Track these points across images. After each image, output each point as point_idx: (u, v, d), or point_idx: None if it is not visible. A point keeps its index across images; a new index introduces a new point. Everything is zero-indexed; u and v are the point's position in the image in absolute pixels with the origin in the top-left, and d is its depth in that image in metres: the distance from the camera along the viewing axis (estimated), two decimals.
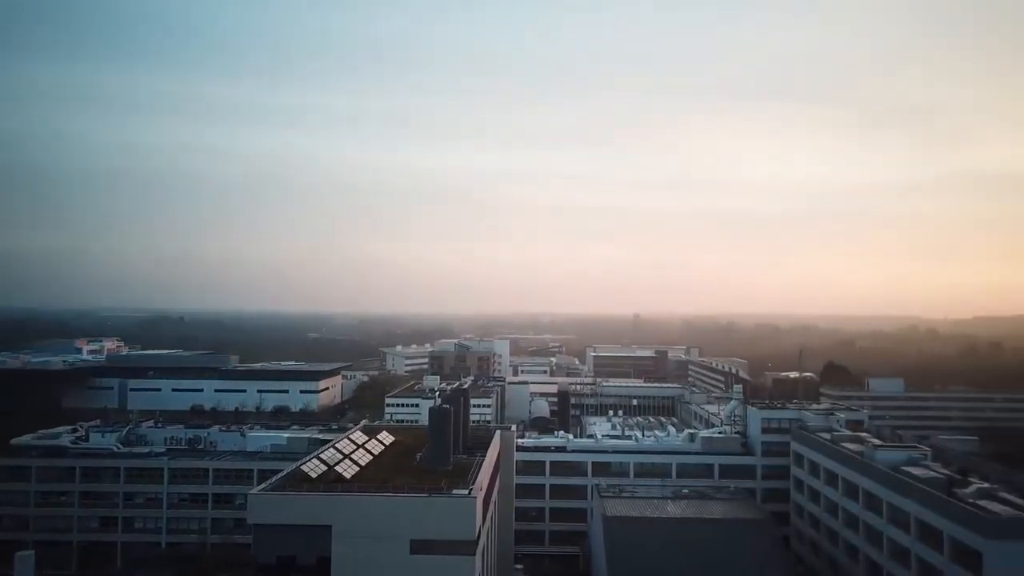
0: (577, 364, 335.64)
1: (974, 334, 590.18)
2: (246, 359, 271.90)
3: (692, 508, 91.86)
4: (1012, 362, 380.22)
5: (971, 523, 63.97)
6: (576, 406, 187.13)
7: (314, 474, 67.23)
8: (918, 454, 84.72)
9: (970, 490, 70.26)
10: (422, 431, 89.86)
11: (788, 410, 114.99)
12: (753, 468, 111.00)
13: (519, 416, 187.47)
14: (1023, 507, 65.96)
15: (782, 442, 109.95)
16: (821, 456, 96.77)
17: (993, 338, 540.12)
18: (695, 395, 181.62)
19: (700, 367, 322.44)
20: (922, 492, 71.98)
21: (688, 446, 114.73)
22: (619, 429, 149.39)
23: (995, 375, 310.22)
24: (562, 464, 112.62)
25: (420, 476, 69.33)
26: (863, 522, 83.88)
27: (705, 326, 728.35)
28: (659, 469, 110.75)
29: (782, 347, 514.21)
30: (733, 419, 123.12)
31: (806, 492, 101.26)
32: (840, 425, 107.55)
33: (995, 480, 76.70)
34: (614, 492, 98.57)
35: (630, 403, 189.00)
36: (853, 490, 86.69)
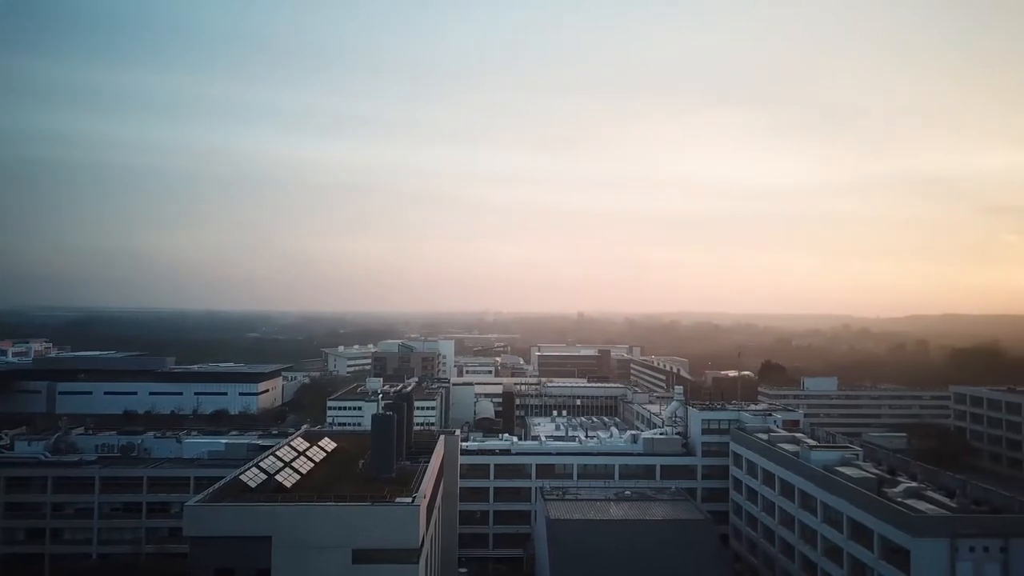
0: (522, 364, 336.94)
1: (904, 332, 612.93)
2: (184, 360, 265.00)
3: (634, 510, 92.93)
4: (938, 359, 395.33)
5: (899, 522, 66.27)
6: (521, 407, 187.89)
7: (253, 484, 65.89)
8: (850, 454, 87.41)
9: (899, 489, 72.83)
10: (365, 437, 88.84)
11: (727, 411, 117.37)
12: (694, 468, 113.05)
13: (464, 417, 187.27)
14: (948, 505, 68.59)
15: (722, 442, 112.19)
16: (758, 456, 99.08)
17: (922, 336, 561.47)
18: (637, 395, 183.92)
19: (642, 366, 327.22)
20: (853, 492, 74.28)
21: (631, 447, 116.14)
22: (563, 430, 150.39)
23: (922, 372, 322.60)
24: (507, 467, 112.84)
25: (363, 484, 68.56)
26: (798, 521, 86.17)
27: (647, 324, 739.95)
28: (602, 471, 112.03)
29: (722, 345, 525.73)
30: (675, 420, 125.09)
31: (744, 491, 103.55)
32: (777, 425, 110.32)
33: (922, 478, 79.60)
34: (558, 495, 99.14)
35: (574, 403, 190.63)
36: (789, 490, 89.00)
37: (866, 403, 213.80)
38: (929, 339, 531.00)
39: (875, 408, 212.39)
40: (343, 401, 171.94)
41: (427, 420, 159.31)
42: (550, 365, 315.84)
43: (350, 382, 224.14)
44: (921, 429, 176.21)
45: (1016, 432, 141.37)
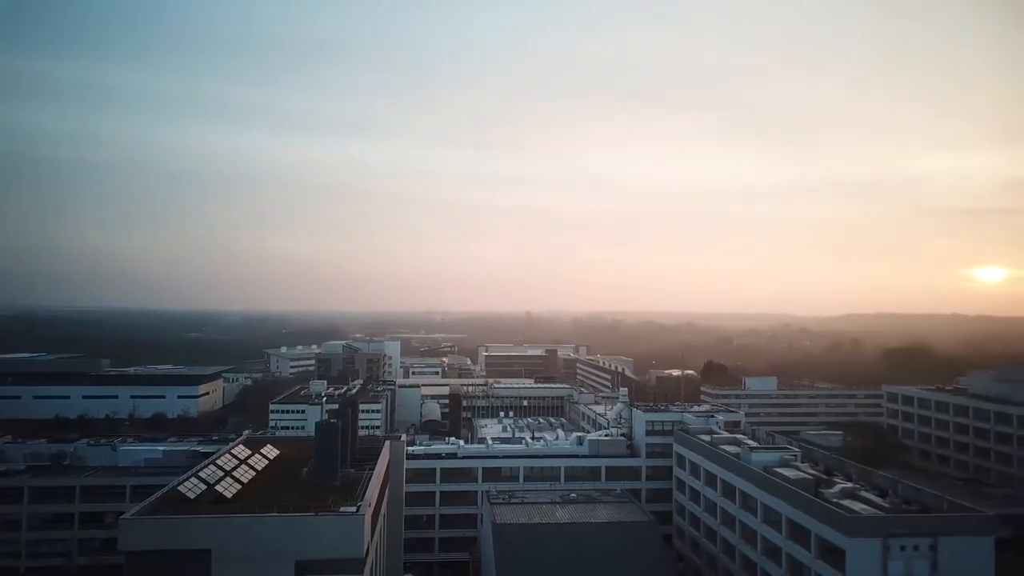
0: (469, 364, 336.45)
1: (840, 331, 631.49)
2: (121, 362, 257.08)
3: (580, 512, 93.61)
4: (872, 358, 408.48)
5: (835, 522, 68.21)
6: (468, 408, 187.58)
7: (192, 494, 64.19)
8: (789, 455, 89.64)
9: (835, 490, 74.97)
10: (309, 443, 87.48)
11: (671, 412, 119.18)
12: (638, 469, 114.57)
13: (410, 419, 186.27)
14: (881, 505, 70.87)
15: (665, 443, 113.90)
16: (701, 458, 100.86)
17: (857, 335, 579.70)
18: (583, 395, 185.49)
19: (588, 365, 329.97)
20: (792, 493, 76.18)
21: (576, 449, 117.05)
22: (510, 431, 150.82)
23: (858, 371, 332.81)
24: (453, 471, 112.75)
25: (306, 493, 67.40)
26: (739, 521, 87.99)
27: (593, 323, 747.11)
28: (549, 473, 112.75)
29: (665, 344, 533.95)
30: (620, 421, 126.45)
31: (687, 492, 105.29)
32: (719, 426, 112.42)
33: (857, 479, 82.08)
34: (504, 498, 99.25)
35: (521, 404, 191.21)
36: (730, 491, 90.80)
37: (804, 402, 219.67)
38: (864, 338, 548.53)
39: (813, 407, 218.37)
40: (286, 404, 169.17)
41: (372, 423, 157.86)
42: (498, 365, 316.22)
43: (293, 384, 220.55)
44: (856, 427, 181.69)
45: (944, 430, 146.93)
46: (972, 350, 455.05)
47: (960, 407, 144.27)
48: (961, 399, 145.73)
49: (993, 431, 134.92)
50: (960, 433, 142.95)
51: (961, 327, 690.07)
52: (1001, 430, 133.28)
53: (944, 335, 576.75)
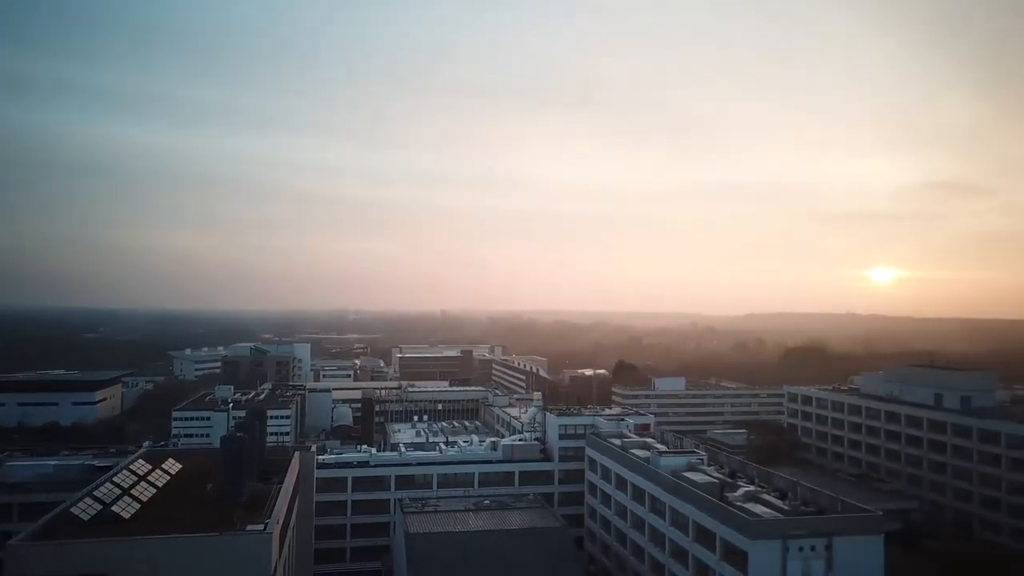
0: (383, 366, 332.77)
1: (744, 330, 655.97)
2: (6, 367, 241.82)
3: (493, 519, 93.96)
4: (773, 356, 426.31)
5: (738, 525, 70.73)
6: (381, 413, 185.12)
7: (86, 516, 61.06)
8: (696, 459, 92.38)
9: (738, 493, 77.75)
10: (213, 455, 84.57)
11: (583, 416, 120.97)
12: (551, 473, 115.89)
13: (321, 425, 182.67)
14: (781, 508, 73.94)
15: (578, 447, 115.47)
16: (612, 462, 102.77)
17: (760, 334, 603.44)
18: (498, 398, 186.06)
19: (503, 366, 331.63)
20: (698, 497, 78.57)
21: (490, 455, 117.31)
22: (424, 436, 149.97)
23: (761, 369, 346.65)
24: (365, 479, 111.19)
25: (211, 511, 65.10)
26: (648, 524, 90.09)
27: (509, 323, 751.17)
28: (462, 479, 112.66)
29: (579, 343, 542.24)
30: (534, 426, 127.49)
31: (599, 496, 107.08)
32: (629, 429, 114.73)
33: (759, 481, 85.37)
34: (417, 507, 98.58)
35: (435, 407, 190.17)
36: (640, 494, 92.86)
37: (710, 401, 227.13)
38: (766, 337, 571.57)
39: (718, 406, 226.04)
40: (190, 411, 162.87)
41: (281, 430, 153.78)
42: (412, 367, 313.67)
43: (198, 388, 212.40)
44: (759, 426, 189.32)
45: (840, 428, 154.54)
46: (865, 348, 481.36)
47: (853, 406, 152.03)
48: (854, 399, 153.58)
49: (883, 429, 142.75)
50: (853, 431, 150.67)
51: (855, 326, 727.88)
52: (891, 428, 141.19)
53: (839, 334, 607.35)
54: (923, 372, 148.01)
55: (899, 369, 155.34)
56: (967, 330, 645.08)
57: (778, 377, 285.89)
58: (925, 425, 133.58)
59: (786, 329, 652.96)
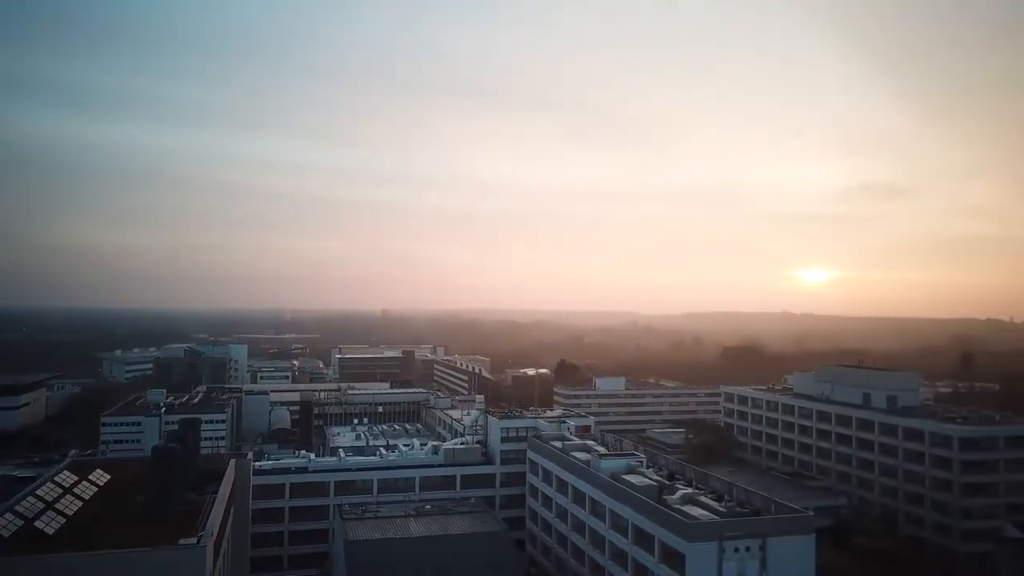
0: (322, 367, 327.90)
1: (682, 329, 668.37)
2: None
3: (434, 525, 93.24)
4: (711, 355, 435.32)
5: (676, 528, 71.90)
6: (320, 415, 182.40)
7: (7, 532, 58.41)
8: (635, 461, 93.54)
9: (676, 496, 79.03)
10: (144, 464, 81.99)
11: (525, 419, 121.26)
12: (493, 476, 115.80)
13: (258, 428, 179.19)
14: (717, 510, 75.40)
15: (520, 449, 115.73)
16: (553, 464, 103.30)
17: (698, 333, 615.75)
18: (440, 399, 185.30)
19: (445, 366, 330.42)
20: (637, 500, 79.60)
21: (432, 459, 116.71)
22: (364, 439, 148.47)
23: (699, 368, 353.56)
24: (303, 485, 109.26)
25: (142, 525, 63.08)
26: (589, 527, 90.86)
27: (451, 322, 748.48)
28: (403, 484, 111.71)
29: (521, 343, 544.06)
30: (475, 429, 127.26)
31: (540, 498, 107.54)
32: (570, 431, 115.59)
33: (697, 483, 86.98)
34: (357, 513, 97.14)
35: (376, 410, 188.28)
36: (581, 497, 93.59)
37: (649, 401, 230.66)
38: (704, 336, 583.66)
39: (657, 405, 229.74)
40: (120, 417, 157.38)
41: (216, 434, 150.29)
42: (352, 368, 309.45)
43: (129, 392, 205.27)
44: (696, 425, 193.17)
45: (774, 427, 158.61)
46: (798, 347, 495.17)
47: (787, 406, 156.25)
48: (788, 398, 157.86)
49: (815, 428, 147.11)
50: (787, 430, 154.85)
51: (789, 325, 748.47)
52: (822, 427, 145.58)
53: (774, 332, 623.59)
54: (852, 372, 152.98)
55: (829, 369, 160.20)
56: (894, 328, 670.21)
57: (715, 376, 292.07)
58: (854, 424, 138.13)
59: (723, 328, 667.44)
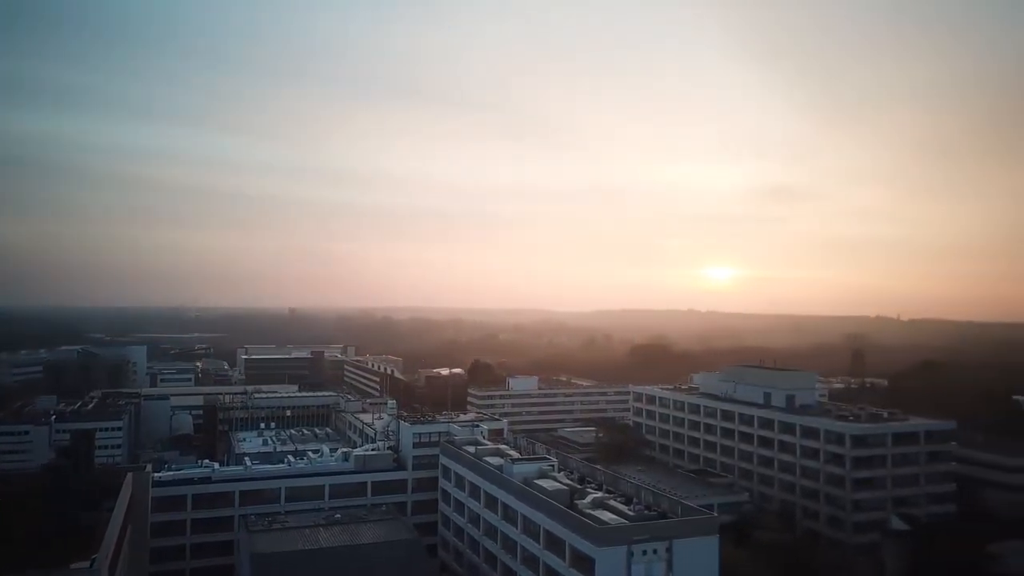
0: (227, 369, 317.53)
1: (593, 327, 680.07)
2: None
3: (344, 534, 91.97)
4: (620, 353, 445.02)
5: (586, 532, 73.12)
6: (225, 420, 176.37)
7: None
8: (547, 465, 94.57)
9: (587, 500, 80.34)
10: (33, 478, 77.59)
11: (438, 423, 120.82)
12: (405, 482, 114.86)
13: (158, 435, 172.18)
14: (626, 513, 77.06)
15: (432, 455, 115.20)
16: (466, 470, 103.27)
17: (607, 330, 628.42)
18: (350, 403, 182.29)
19: (356, 367, 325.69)
20: (548, 505, 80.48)
21: (342, 465, 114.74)
22: (272, 445, 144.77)
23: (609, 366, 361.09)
24: (207, 496, 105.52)
25: (31, 548, 59.53)
26: (501, 532, 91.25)
27: (362, 321, 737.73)
28: (312, 492, 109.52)
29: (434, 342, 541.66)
30: (387, 434, 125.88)
31: (452, 503, 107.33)
32: (483, 436, 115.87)
33: (607, 487, 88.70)
34: (264, 524, 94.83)
35: (284, 414, 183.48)
36: (493, 502, 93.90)
37: (561, 400, 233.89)
38: (614, 333, 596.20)
39: (569, 404, 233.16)
40: (5, 425, 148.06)
41: (113, 443, 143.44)
42: (259, 369, 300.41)
43: (15, 398, 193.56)
44: (607, 424, 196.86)
45: (680, 426, 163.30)
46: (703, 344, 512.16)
47: (693, 405, 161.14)
48: (694, 398, 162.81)
49: (719, 427, 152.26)
50: (693, 429, 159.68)
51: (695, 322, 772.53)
52: (726, 426, 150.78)
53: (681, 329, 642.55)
54: (754, 372, 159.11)
55: (733, 369, 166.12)
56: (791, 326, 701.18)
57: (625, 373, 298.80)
58: (755, 422, 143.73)
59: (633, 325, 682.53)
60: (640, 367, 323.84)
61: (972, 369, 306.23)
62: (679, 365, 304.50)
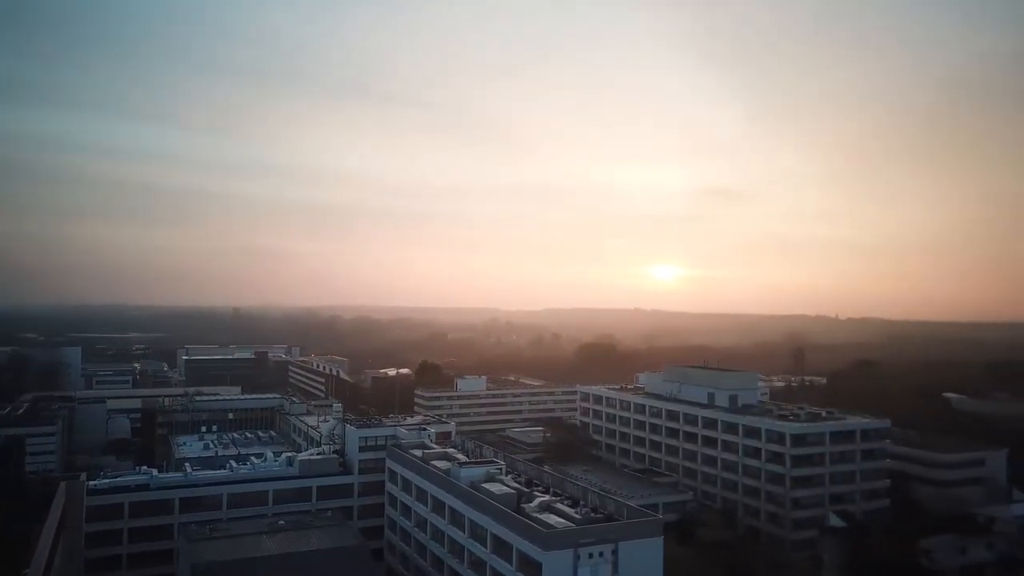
0: (167, 370, 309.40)
1: (542, 325, 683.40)
2: None
3: (289, 541, 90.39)
4: (568, 352, 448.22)
5: (533, 536, 73.42)
6: (164, 424, 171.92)
7: None
8: (495, 469, 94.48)
9: (534, 504, 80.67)
10: None
11: (384, 427, 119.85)
12: (351, 487, 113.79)
13: (94, 440, 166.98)
14: (572, 517, 77.62)
15: (379, 458, 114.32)
16: (412, 474, 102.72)
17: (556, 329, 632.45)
18: (295, 405, 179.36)
19: (301, 368, 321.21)
20: (495, 509, 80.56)
21: (286, 470, 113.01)
22: (213, 449, 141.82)
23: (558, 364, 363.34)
24: (145, 504, 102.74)
25: None
26: (448, 536, 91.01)
27: (307, 320, 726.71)
28: (256, 498, 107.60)
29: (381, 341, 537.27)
30: (332, 438, 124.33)
31: (399, 507, 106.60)
32: (431, 439, 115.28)
33: (554, 490, 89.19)
34: (205, 532, 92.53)
35: (226, 417, 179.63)
36: (440, 506, 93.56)
37: (510, 401, 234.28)
38: (562, 332, 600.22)
39: (517, 405, 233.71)
40: None
41: (45, 449, 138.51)
42: (201, 371, 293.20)
43: None
44: (554, 423, 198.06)
45: (626, 426, 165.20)
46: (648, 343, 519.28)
47: (638, 405, 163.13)
48: (639, 398, 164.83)
49: (664, 426, 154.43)
50: (638, 428, 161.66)
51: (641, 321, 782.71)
52: (671, 425, 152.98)
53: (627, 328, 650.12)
54: (698, 373, 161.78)
55: (677, 369, 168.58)
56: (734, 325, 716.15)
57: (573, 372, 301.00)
58: (700, 422, 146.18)
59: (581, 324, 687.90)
60: (588, 366, 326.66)
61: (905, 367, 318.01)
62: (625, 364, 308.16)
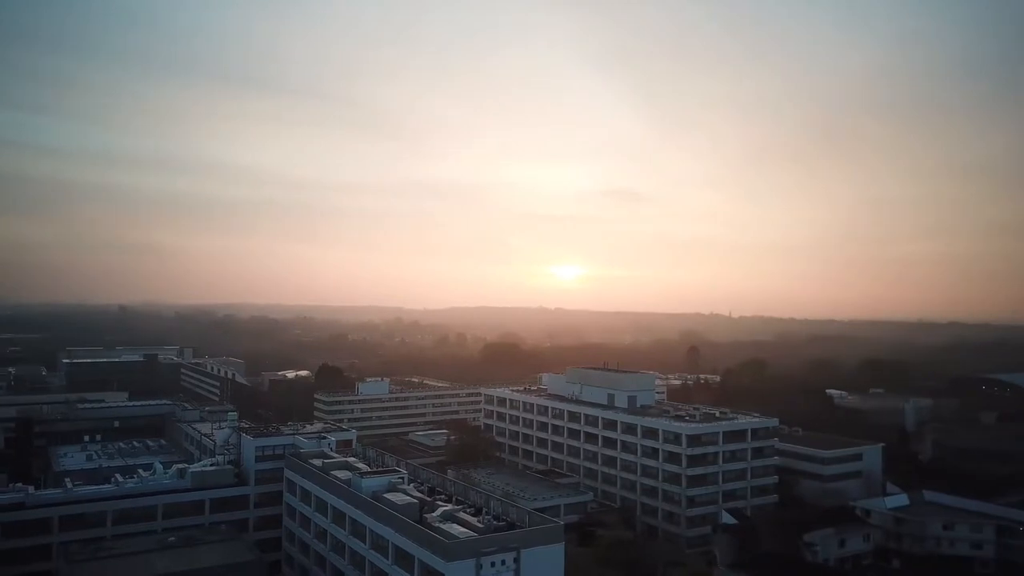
0: (45, 374, 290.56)
1: (447, 324, 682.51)
2: None
3: (180, 559, 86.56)
4: (473, 351, 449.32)
5: (435, 547, 72.92)
6: (43, 434, 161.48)
7: None
8: (397, 478, 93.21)
9: (436, 513, 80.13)
10: None
11: (283, 436, 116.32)
12: (247, 498, 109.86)
13: None
14: (475, 526, 77.55)
15: (277, 468, 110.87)
16: (312, 484, 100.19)
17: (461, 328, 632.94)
18: (187, 411, 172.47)
19: (194, 371, 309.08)
20: (397, 520, 79.60)
21: (177, 483, 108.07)
22: (97, 460, 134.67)
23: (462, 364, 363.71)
24: (19, 524, 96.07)
25: None
26: (349, 548, 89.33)
27: (201, 319, 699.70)
28: (144, 513, 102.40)
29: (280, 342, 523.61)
30: (227, 448, 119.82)
31: (298, 518, 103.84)
32: (331, 448, 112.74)
33: (457, 498, 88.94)
34: (88, 553, 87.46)
35: (112, 425, 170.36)
36: (340, 517, 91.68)
37: (413, 404, 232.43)
38: (467, 331, 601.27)
39: (421, 407, 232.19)
40: None
41: None
42: (84, 375, 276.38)
43: None
44: (458, 426, 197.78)
45: (529, 427, 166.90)
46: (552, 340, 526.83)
47: (541, 407, 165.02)
48: (542, 399, 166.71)
49: (566, 428, 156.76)
50: (541, 430, 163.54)
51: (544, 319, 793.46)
52: (572, 427, 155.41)
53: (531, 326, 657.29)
54: (598, 374, 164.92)
55: (578, 371, 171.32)
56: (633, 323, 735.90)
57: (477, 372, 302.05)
58: (600, 423, 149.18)
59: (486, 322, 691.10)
60: (492, 366, 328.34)
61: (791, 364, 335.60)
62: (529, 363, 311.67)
